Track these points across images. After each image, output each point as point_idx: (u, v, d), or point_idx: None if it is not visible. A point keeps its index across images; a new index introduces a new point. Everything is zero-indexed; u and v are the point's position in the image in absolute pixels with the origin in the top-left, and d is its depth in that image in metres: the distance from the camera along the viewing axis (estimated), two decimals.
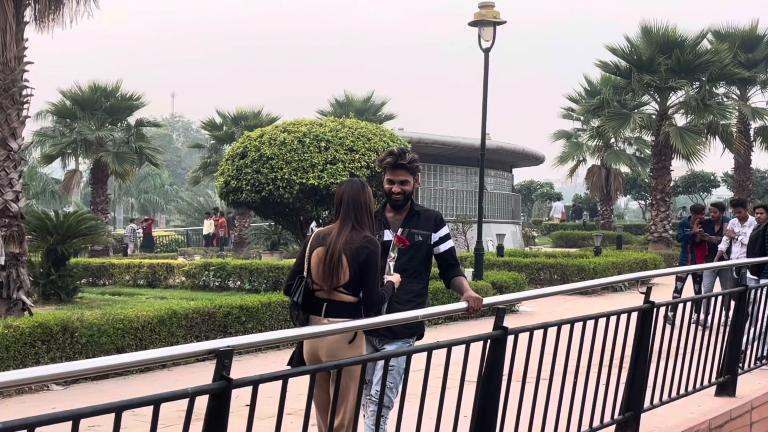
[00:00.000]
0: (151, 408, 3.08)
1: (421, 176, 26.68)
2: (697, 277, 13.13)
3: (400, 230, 5.36)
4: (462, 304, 5.01)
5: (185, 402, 3.21)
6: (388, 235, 5.36)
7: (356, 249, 4.66)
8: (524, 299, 9.34)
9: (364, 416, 5.52)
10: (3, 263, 10.96)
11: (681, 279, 13.23)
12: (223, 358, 3.21)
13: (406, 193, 5.33)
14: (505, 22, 17.82)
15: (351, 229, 4.74)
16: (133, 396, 3.13)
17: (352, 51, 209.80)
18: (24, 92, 11.63)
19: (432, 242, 5.39)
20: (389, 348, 5.23)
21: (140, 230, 35.56)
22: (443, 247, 5.42)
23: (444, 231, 5.45)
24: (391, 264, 5.14)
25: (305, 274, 4.82)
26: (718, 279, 12.62)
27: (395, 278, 4.96)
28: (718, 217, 13.33)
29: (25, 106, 11.68)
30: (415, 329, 5.30)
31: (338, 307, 4.69)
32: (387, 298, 4.79)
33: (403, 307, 5.08)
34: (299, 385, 4.19)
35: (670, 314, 11.36)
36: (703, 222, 13.35)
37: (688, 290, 13.56)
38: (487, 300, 5.16)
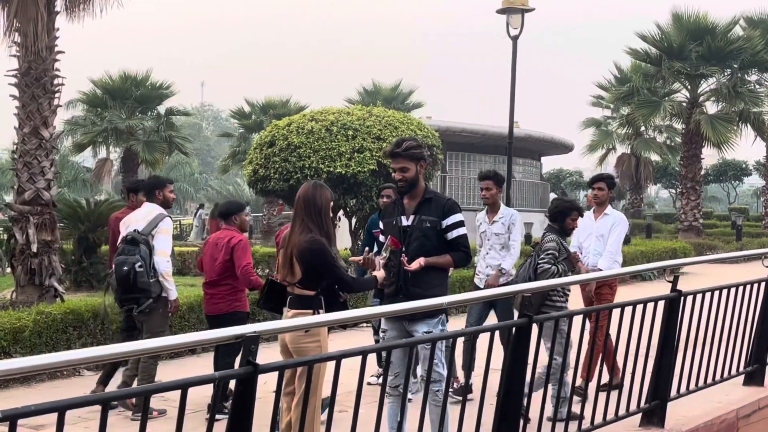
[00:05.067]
0: (179, 392, 3.14)
1: (448, 164, 26.29)
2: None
3: (411, 217, 5.45)
4: (477, 293, 5.03)
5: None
6: (404, 221, 5.48)
7: (300, 250, 5.14)
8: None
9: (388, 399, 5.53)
10: (35, 250, 11.12)
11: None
12: (249, 344, 3.25)
13: (408, 179, 5.50)
14: (533, 9, 17.74)
15: (302, 230, 5.20)
16: (162, 380, 3.18)
17: (381, 39, 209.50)
18: (55, 81, 11.77)
19: (441, 228, 5.42)
20: (418, 328, 5.27)
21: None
22: (451, 235, 5.48)
23: (453, 218, 5.47)
24: (381, 262, 5.39)
25: (276, 272, 5.36)
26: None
27: (380, 275, 5.32)
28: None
29: (57, 95, 11.81)
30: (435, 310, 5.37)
31: (297, 300, 5.21)
32: (368, 289, 5.17)
33: (426, 294, 5.12)
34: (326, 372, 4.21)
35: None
36: None
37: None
38: (517, 287, 5.18)
